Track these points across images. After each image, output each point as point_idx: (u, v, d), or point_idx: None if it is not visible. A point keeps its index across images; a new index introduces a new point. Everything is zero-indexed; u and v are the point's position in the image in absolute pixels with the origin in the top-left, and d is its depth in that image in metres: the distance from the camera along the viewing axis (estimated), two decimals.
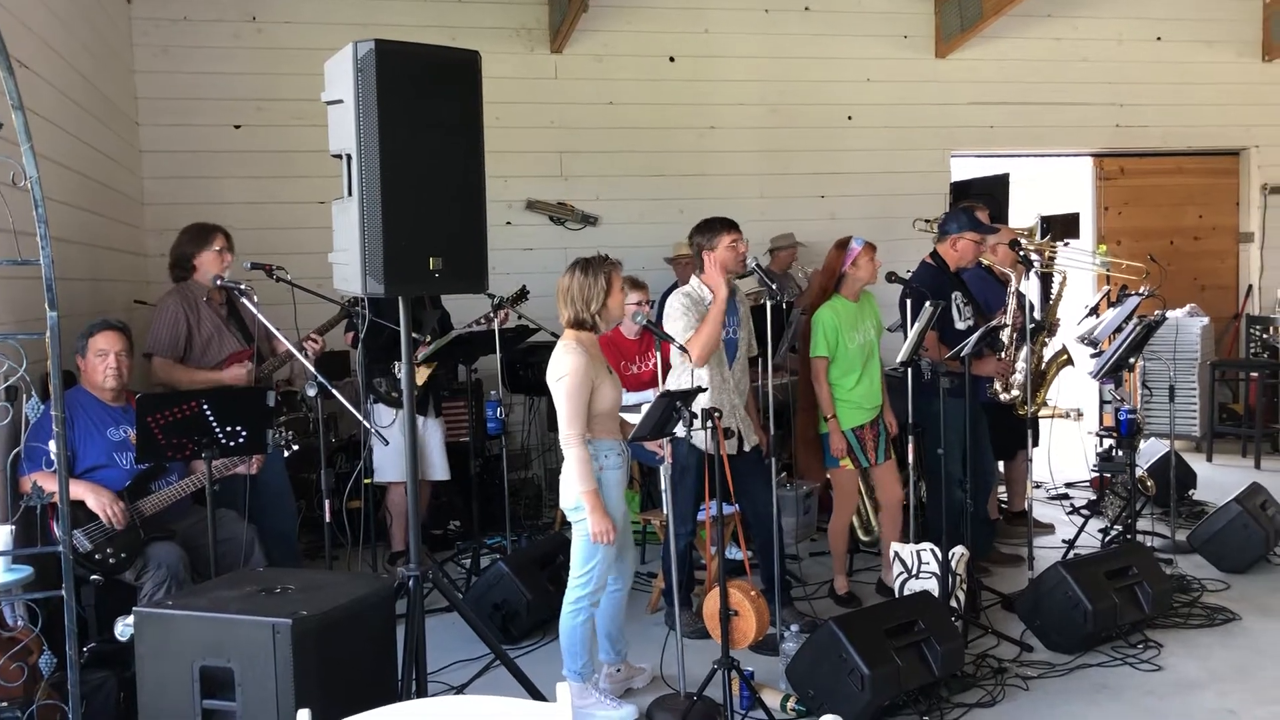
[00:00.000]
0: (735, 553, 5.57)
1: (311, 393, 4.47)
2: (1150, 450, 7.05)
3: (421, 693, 3.53)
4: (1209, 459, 8.54)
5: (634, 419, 4.25)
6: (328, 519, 4.62)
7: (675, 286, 6.87)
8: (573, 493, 4.02)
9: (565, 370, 4.00)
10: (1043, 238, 7.15)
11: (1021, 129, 9.00)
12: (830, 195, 8.55)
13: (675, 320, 4.73)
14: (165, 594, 4.06)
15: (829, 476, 5.47)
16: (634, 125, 8.15)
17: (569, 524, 4.23)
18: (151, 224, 6.97)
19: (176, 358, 4.99)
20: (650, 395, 5.20)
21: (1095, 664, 4.50)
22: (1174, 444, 6.44)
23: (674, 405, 3.92)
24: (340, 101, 3.42)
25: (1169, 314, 7.86)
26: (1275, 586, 5.48)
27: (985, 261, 5.92)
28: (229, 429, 4.17)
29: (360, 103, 3.33)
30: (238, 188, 7.30)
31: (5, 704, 3.19)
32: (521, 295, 5.80)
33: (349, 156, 3.39)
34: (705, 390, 4.57)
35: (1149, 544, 5.61)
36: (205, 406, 4.12)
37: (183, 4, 7.24)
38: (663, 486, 4.80)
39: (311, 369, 4.56)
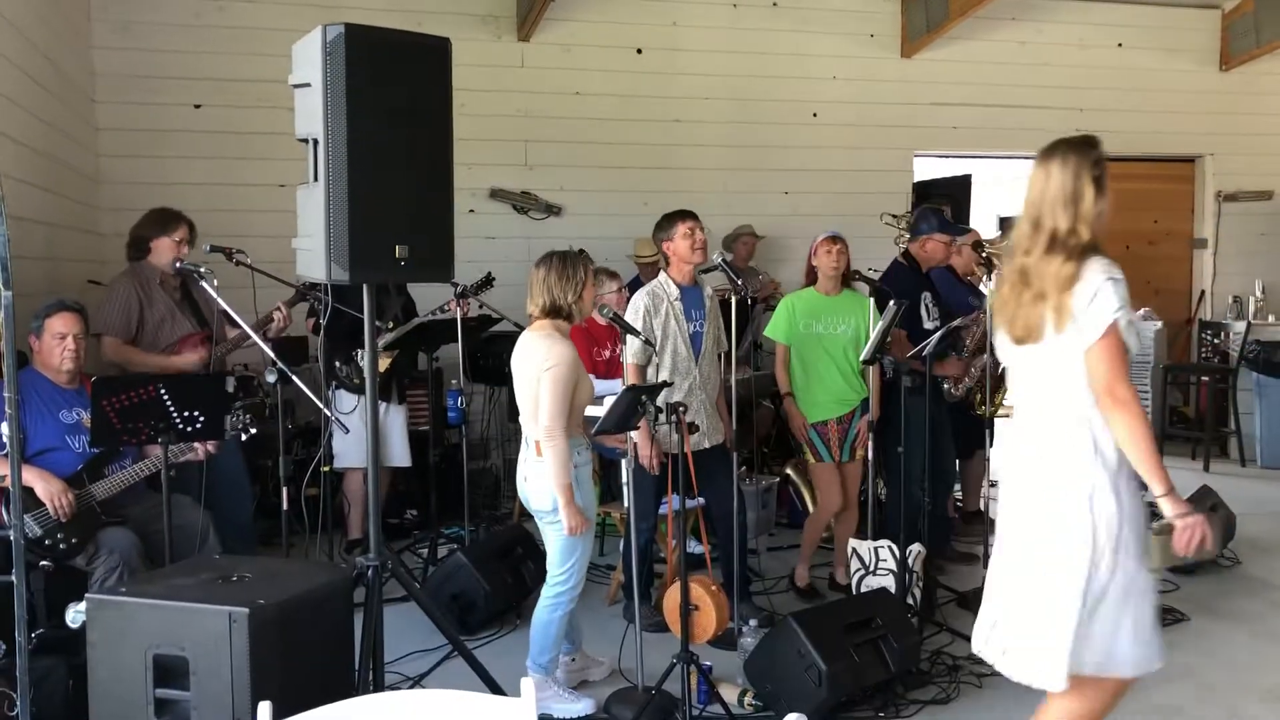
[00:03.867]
0: (695, 547, 5.58)
1: (271, 379, 4.41)
2: None
3: (379, 684, 3.49)
4: None
5: (596, 412, 4.22)
6: (285, 506, 4.56)
7: (638, 279, 6.87)
8: (552, 493, 3.90)
9: (556, 359, 3.88)
10: (1001, 239, 7.20)
11: (984, 130, 9.06)
12: (794, 191, 8.57)
13: (634, 322, 4.69)
14: (117, 580, 4.00)
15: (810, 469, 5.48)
16: (600, 116, 8.12)
17: (527, 515, 4.19)
18: (107, 203, 6.84)
19: (127, 338, 4.91)
20: (613, 387, 5.18)
21: None
22: None
23: (639, 399, 3.91)
24: (308, 85, 3.36)
25: None
26: (1223, 588, 5.59)
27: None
28: (186, 414, 4.11)
29: (328, 87, 3.27)
30: (196, 168, 7.18)
31: None
32: (486, 282, 5.72)
33: (315, 141, 3.33)
34: (670, 385, 4.56)
35: None
36: (163, 391, 4.06)
37: None
38: (624, 480, 4.80)
39: (270, 354, 4.49)
